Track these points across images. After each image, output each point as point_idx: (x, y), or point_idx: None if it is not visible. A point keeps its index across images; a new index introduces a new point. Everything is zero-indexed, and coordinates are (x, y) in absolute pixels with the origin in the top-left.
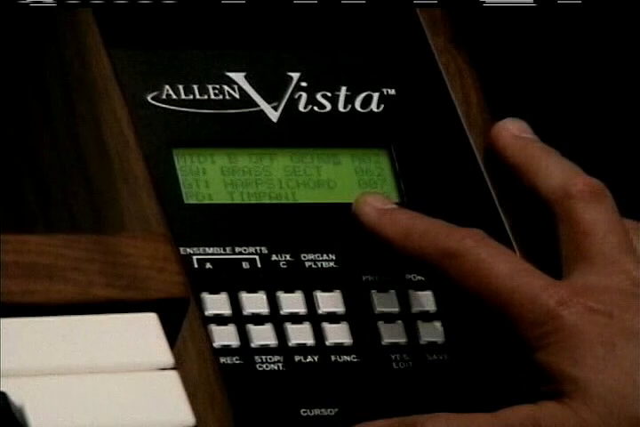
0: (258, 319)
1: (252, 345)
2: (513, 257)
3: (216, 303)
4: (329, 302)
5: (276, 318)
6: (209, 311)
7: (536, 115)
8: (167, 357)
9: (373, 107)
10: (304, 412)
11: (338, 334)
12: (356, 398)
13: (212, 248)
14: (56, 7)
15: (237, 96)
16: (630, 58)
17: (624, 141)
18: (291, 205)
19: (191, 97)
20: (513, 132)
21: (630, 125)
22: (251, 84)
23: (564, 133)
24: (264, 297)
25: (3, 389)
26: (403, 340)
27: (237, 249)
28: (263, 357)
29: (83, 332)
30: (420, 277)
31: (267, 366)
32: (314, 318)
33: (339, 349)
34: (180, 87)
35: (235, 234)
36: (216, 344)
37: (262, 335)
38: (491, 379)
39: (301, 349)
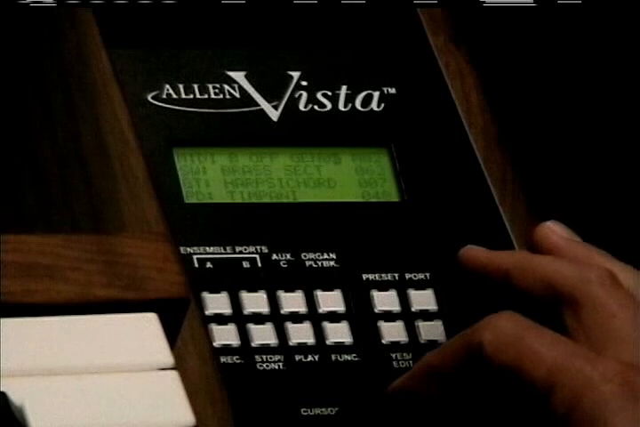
0: (258, 319)
1: (253, 344)
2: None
3: (216, 303)
4: (329, 301)
5: (277, 318)
6: (209, 311)
7: (535, 114)
8: (167, 357)
9: (374, 106)
10: (304, 411)
11: (338, 333)
12: (356, 397)
13: (212, 247)
14: (56, 7)
15: (238, 95)
16: (630, 58)
17: (623, 141)
18: (291, 205)
19: (191, 96)
20: (562, 234)
21: (630, 125)
22: (251, 83)
23: (564, 133)
24: (264, 296)
25: (3, 389)
26: (403, 339)
27: (238, 248)
28: (263, 356)
29: (83, 332)
30: (420, 276)
31: (267, 366)
32: (314, 317)
33: (339, 348)
34: (181, 86)
35: (235, 233)
36: (216, 344)
37: (263, 335)
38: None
39: (302, 348)
